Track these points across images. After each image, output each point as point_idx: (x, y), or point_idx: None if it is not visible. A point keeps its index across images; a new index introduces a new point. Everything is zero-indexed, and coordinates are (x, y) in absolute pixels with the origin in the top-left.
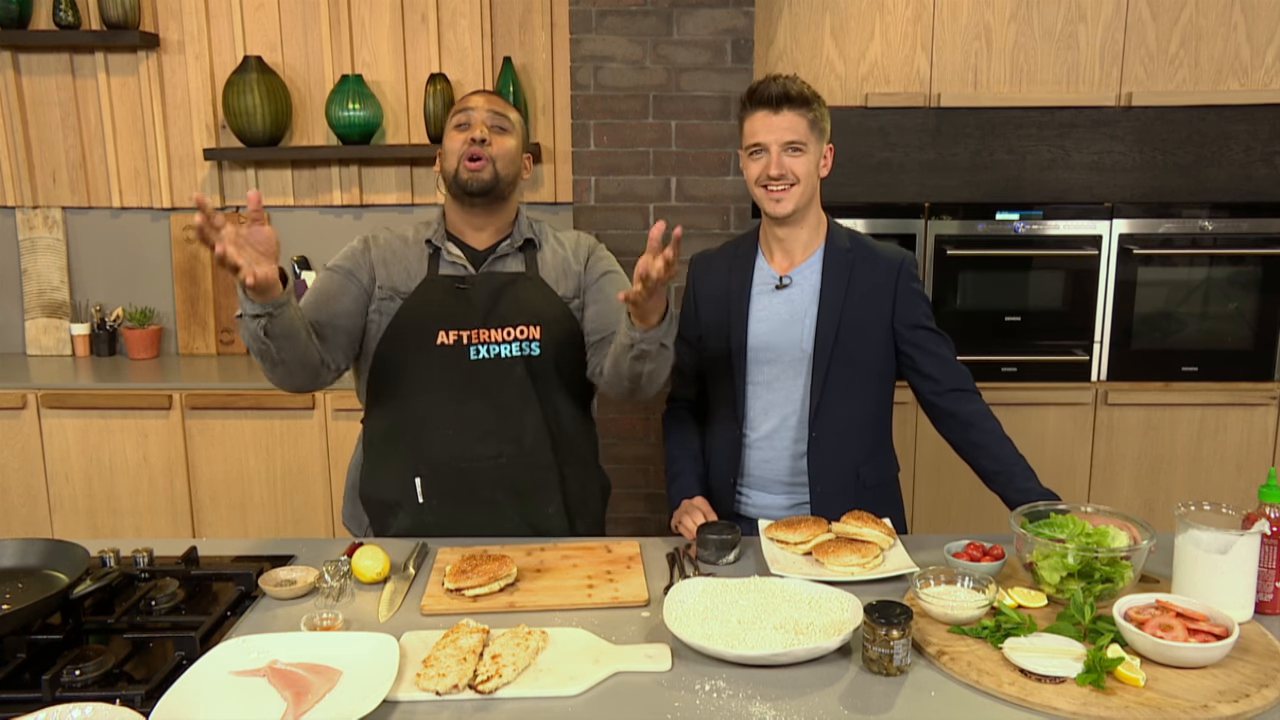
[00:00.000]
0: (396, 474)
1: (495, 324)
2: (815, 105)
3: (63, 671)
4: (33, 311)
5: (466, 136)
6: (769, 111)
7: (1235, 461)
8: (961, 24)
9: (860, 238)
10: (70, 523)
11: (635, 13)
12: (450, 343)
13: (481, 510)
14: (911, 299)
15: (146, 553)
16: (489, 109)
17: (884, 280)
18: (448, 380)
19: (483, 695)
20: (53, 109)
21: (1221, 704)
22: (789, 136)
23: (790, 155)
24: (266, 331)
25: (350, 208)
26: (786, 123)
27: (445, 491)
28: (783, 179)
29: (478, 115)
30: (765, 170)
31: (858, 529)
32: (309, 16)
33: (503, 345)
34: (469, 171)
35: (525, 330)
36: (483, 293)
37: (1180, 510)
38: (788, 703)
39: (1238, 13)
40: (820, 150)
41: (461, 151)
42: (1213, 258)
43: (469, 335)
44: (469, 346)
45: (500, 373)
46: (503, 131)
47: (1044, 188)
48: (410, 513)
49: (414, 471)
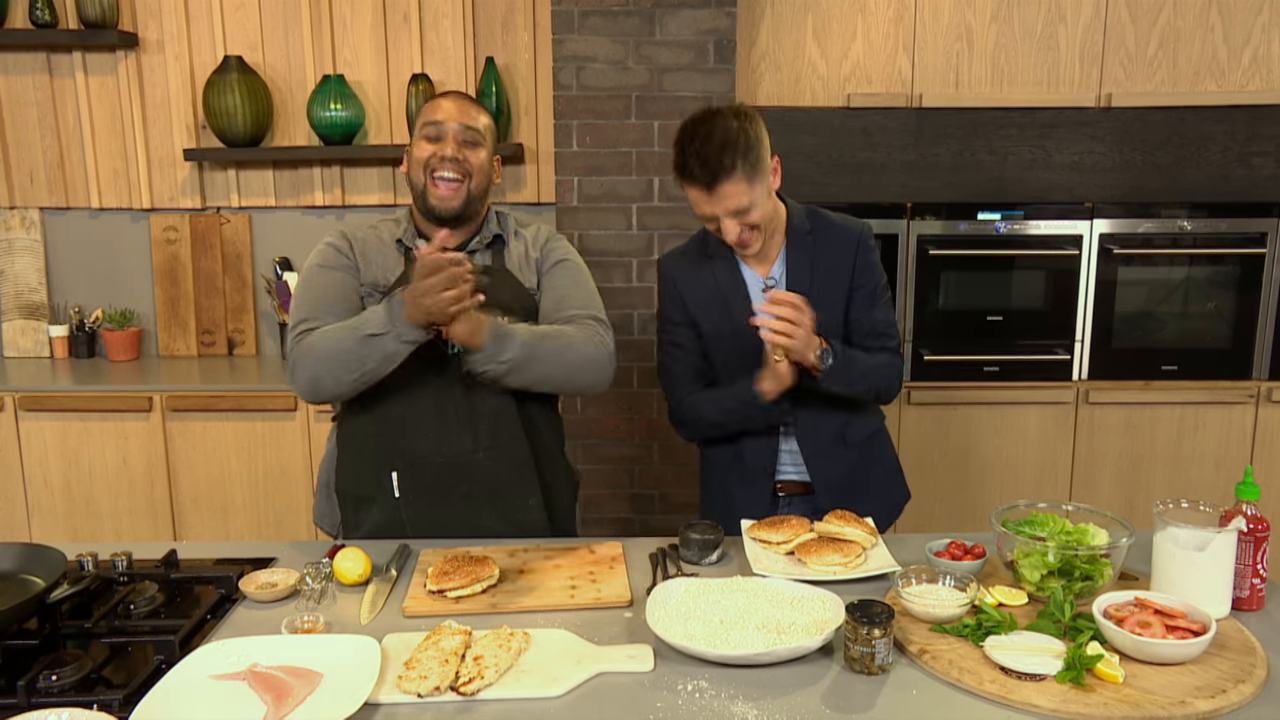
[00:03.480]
0: (372, 468)
1: None
2: (745, 154)
3: (39, 677)
4: (10, 313)
5: (437, 151)
6: (703, 190)
7: (1214, 459)
8: (943, 25)
9: (818, 215)
10: (49, 527)
11: (617, 13)
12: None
13: (458, 504)
14: (866, 274)
15: (125, 556)
16: (461, 122)
17: (844, 253)
18: (425, 376)
19: (465, 697)
20: (30, 109)
21: (1199, 699)
22: (733, 205)
23: (742, 216)
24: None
25: (332, 208)
26: (725, 194)
27: (422, 486)
28: (742, 239)
29: (449, 128)
30: (725, 235)
31: (840, 528)
32: (290, 16)
33: None
34: (438, 198)
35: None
36: None
37: (1158, 508)
38: (770, 702)
39: (1215, 15)
40: (766, 185)
41: (431, 166)
42: (1192, 257)
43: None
44: (446, 341)
45: None
46: (474, 145)
47: (1025, 188)
48: (385, 507)
49: (390, 465)
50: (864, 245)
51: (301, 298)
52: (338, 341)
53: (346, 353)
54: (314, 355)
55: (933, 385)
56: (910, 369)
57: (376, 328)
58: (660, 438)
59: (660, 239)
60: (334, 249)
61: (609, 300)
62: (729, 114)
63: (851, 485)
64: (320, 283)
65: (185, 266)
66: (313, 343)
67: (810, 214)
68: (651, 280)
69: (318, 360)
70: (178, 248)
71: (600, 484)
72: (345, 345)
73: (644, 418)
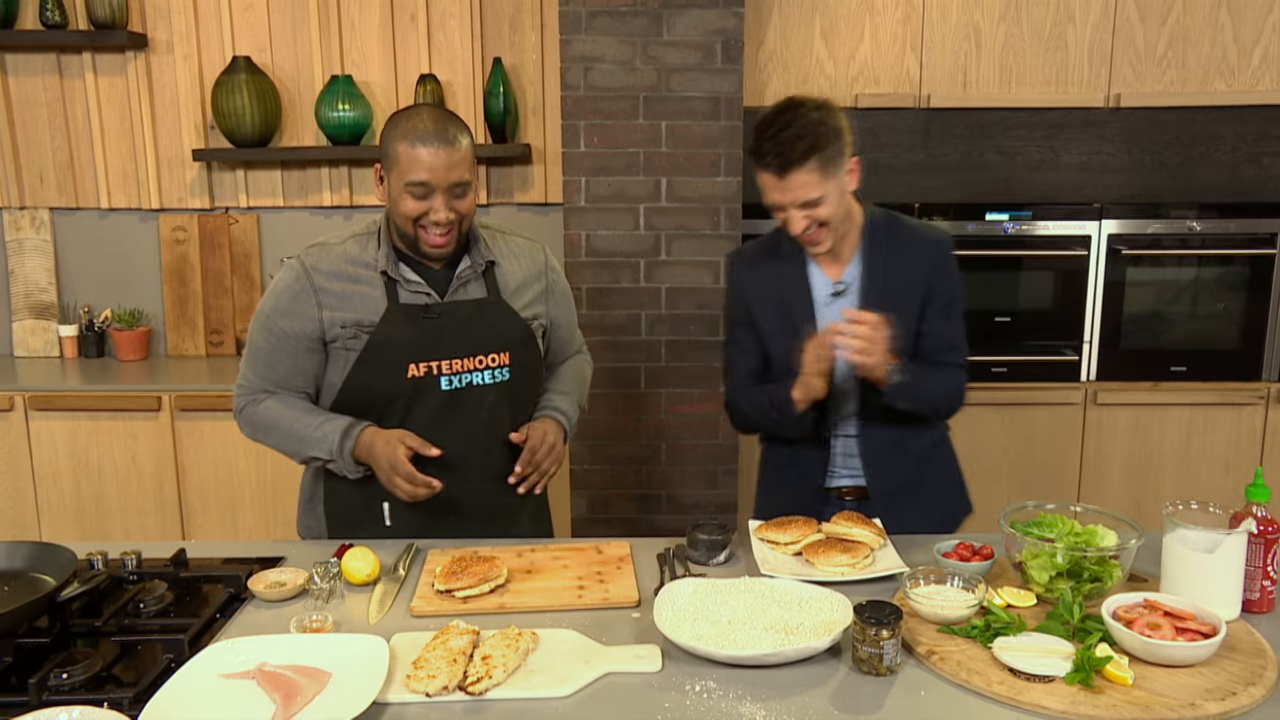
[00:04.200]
0: (363, 497)
1: (466, 353)
2: (822, 148)
3: (50, 675)
4: (20, 313)
5: (425, 210)
6: (774, 175)
7: (1223, 461)
8: (951, 25)
9: (898, 220)
10: (59, 525)
11: (625, 13)
12: (421, 374)
13: (447, 534)
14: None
15: (135, 555)
16: (448, 179)
17: (922, 262)
18: (419, 412)
19: (473, 697)
20: (40, 109)
21: (1209, 702)
22: (802, 196)
23: (810, 209)
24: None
25: (340, 208)
26: (797, 184)
27: (413, 518)
28: (808, 232)
29: (438, 186)
30: (791, 227)
31: (847, 529)
32: (298, 16)
33: (474, 374)
34: (430, 247)
35: (495, 357)
36: (450, 322)
37: (1168, 509)
38: (778, 703)
39: (1224, 14)
40: (839, 182)
41: (422, 223)
42: (1201, 258)
43: (439, 366)
44: (440, 377)
45: (472, 401)
46: (462, 195)
47: (1033, 188)
48: (374, 534)
49: (381, 496)
50: (944, 256)
51: (248, 352)
52: (282, 439)
53: (287, 448)
54: (254, 428)
55: None
56: None
57: (323, 454)
58: (668, 438)
59: (667, 240)
60: (288, 296)
61: (616, 301)
62: (812, 105)
63: (907, 494)
64: (262, 345)
65: (194, 266)
66: (258, 421)
67: (889, 219)
68: (658, 281)
69: (258, 433)
70: (186, 248)
71: (607, 484)
72: (287, 445)
73: (651, 418)
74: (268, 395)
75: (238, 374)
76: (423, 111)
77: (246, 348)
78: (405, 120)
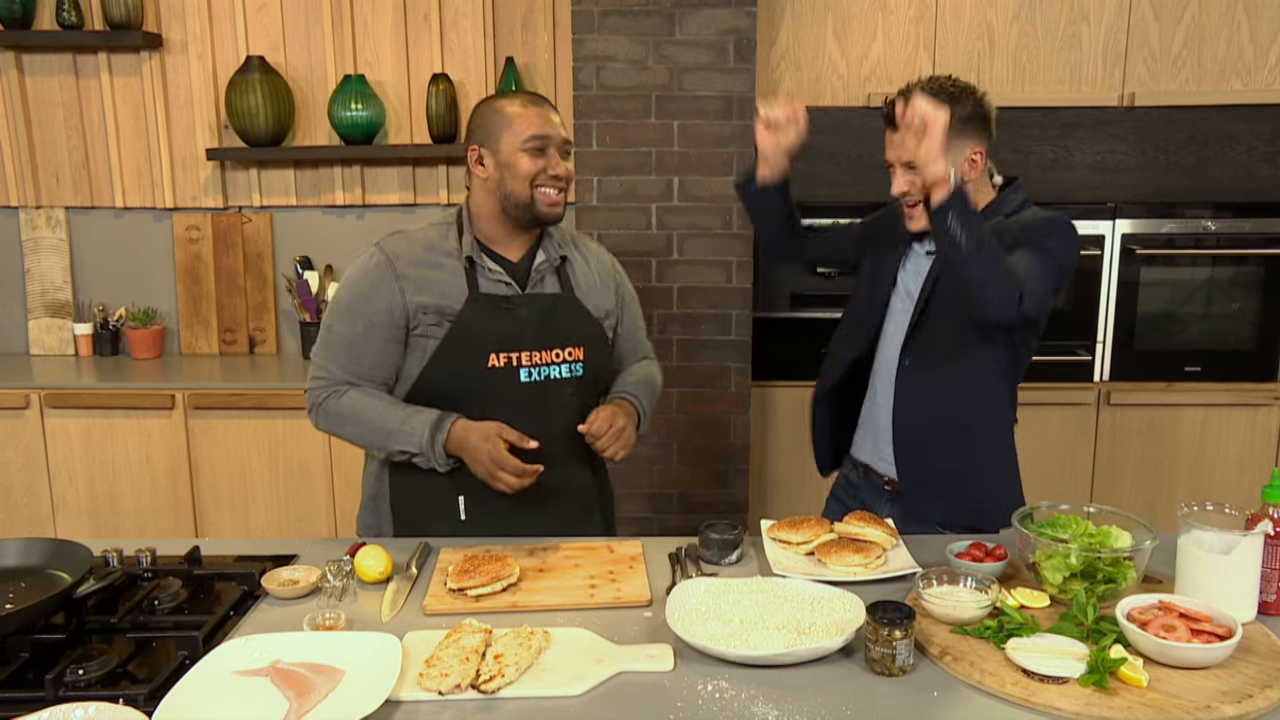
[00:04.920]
0: (438, 492)
1: (544, 345)
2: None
3: (66, 671)
4: (36, 311)
5: (543, 166)
6: (889, 129)
7: (1238, 462)
8: (964, 24)
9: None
10: (73, 522)
11: (638, 13)
12: (501, 365)
13: (521, 530)
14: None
15: (149, 552)
16: (563, 137)
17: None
18: (497, 403)
19: (485, 695)
20: (56, 109)
21: (1225, 705)
22: (905, 156)
23: (912, 172)
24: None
25: (353, 208)
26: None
27: (489, 512)
28: (907, 195)
29: (554, 140)
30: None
31: (860, 529)
32: (311, 16)
33: (552, 367)
34: (548, 207)
35: (572, 351)
36: (530, 313)
37: (1183, 510)
38: (790, 703)
39: (1241, 12)
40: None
41: (539, 181)
42: (1215, 258)
43: (519, 357)
44: (519, 369)
45: (550, 395)
46: (568, 156)
47: (1047, 188)
48: (448, 529)
49: (458, 490)
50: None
51: (326, 342)
52: (365, 431)
53: (370, 442)
54: (336, 422)
55: None
56: None
57: (412, 447)
58: (679, 437)
59: (680, 239)
60: (369, 283)
61: None
62: (963, 85)
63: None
64: (346, 333)
65: (207, 265)
66: (340, 413)
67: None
68: (670, 280)
69: (338, 426)
70: (200, 247)
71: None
72: (371, 438)
73: (663, 417)
74: (350, 387)
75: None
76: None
77: (322, 338)
78: (503, 98)
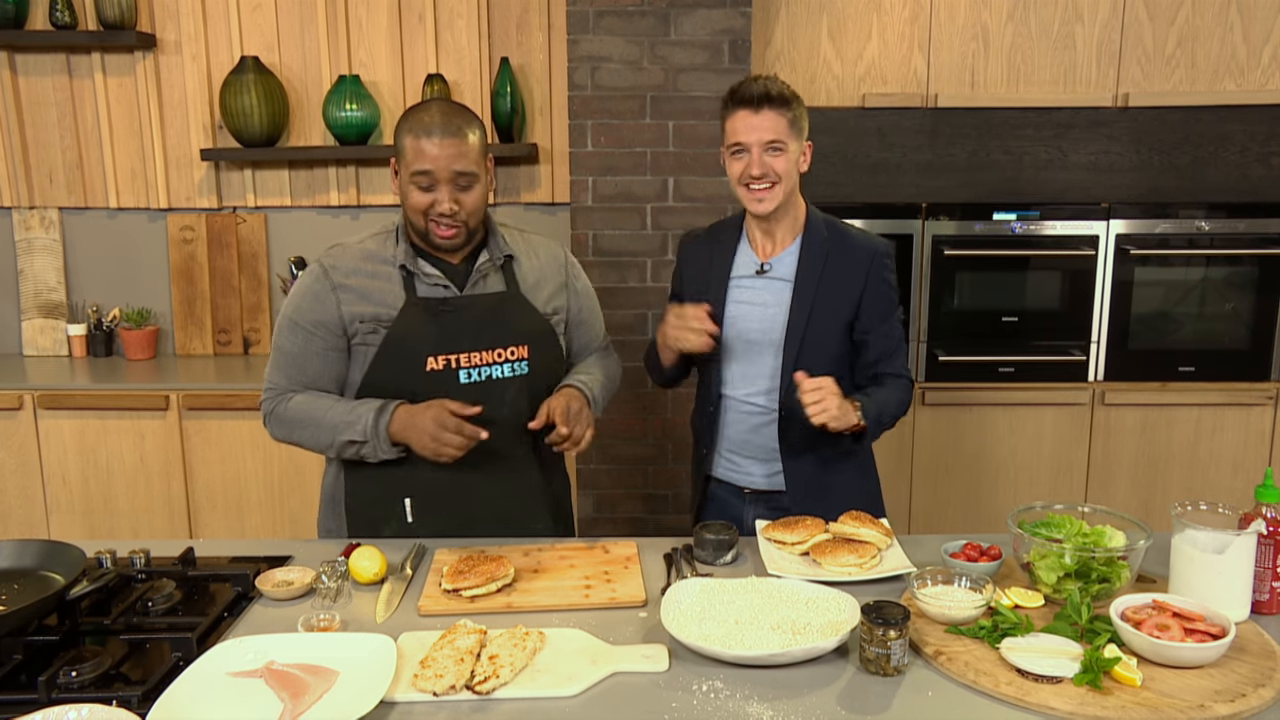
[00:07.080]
0: (385, 494)
1: (485, 345)
2: (794, 105)
3: (59, 673)
4: (29, 312)
5: (430, 202)
6: (749, 111)
7: (1232, 461)
8: (959, 24)
9: (837, 226)
10: (67, 524)
11: (633, 13)
12: (440, 368)
13: (469, 531)
14: (879, 292)
15: (143, 553)
16: (451, 169)
17: (857, 270)
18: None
19: (480, 696)
20: (49, 109)
21: (1218, 704)
22: (769, 136)
23: (771, 154)
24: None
25: (348, 208)
26: (767, 122)
27: (435, 512)
28: (764, 178)
29: (441, 176)
30: (747, 169)
31: (855, 529)
32: (306, 17)
33: (494, 367)
34: (442, 239)
35: (515, 350)
36: (469, 314)
37: (1177, 510)
38: (785, 703)
39: (1234, 13)
40: (800, 148)
41: (430, 214)
42: (1209, 258)
43: (458, 359)
44: (459, 370)
45: (492, 395)
46: (468, 187)
47: (1041, 188)
48: (398, 530)
49: (404, 492)
50: (879, 263)
51: (274, 357)
52: (314, 430)
53: (320, 440)
54: (285, 425)
55: (948, 386)
56: (925, 370)
57: (357, 435)
58: (674, 438)
59: (674, 239)
60: (309, 296)
61: (624, 300)
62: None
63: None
64: (289, 347)
65: (202, 266)
66: (290, 418)
67: (829, 223)
68: (665, 280)
69: (289, 430)
70: (194, 247)
71: (614, 484)
72: (320, 437)
73: (658, 417)
74: (295, 394)
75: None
76: (432, 105)
77: (272, 354)
78: (414, 114)
